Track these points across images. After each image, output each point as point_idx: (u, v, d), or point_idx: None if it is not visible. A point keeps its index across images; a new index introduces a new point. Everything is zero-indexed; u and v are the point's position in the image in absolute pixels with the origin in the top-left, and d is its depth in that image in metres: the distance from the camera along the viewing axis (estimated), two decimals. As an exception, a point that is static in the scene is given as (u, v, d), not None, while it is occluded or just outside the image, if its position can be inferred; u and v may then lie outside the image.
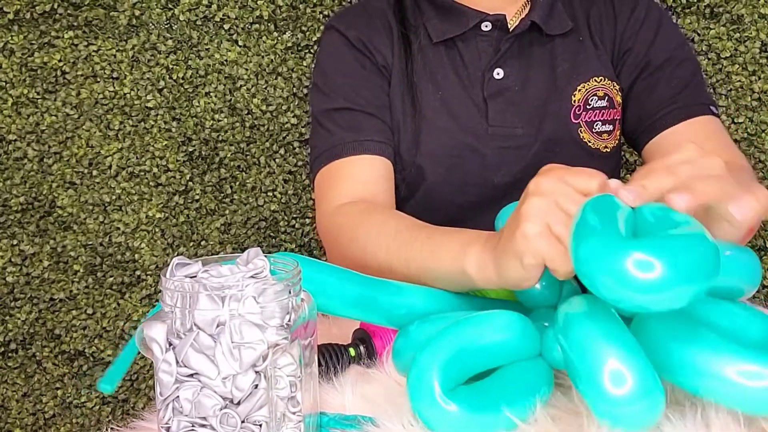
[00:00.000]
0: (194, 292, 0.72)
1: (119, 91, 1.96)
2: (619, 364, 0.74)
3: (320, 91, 1.42)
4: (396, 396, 0.92)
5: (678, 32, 1.46)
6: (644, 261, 0.68)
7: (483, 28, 1.39)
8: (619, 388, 0.74)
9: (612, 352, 0.75)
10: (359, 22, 1.44)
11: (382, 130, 1.37)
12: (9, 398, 2.06)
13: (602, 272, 0.70)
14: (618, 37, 1.42)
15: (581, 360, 0.77)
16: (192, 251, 2.05)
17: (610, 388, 0.74)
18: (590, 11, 1.44)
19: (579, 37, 1.42)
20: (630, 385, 0.73)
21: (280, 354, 0.74)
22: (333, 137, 1.37)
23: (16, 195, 1.96)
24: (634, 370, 0.74)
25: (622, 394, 0.73)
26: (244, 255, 0.80)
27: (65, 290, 2.02)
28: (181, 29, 1.95)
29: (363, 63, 1.41)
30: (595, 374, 0.75)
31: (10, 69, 1.92)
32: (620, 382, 0.74)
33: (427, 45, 1.41)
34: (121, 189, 1.99)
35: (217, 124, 1.99)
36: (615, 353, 0.75)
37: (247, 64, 1.97)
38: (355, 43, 1.42)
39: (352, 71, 1.41)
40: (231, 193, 2.03)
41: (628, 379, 0.73)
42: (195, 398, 0.72)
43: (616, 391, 0.74)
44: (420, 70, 1.40)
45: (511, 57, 1.39)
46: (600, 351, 0.76)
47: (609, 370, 0.74)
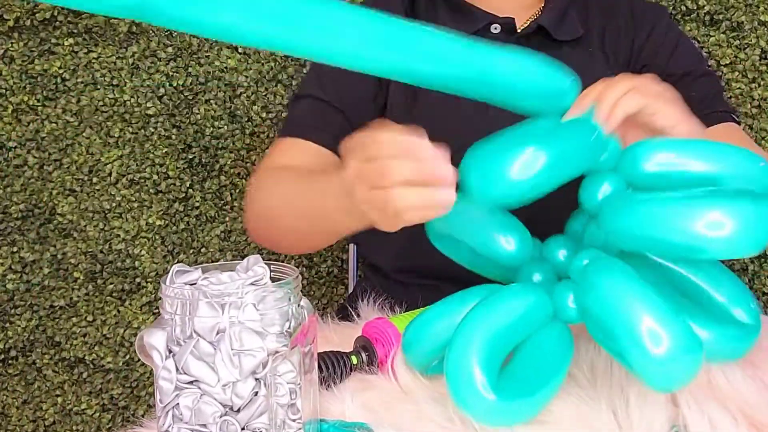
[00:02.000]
0: (194, 300, 0.72)
1: (119, 98, 1.96)
2: (654, 323, 0.76)
3: (307, 77, 1.48)
4: (396, 403, 0.92)
5: (696, 50, 1.48)
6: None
7: (492, 30, 1.40)
8: (657, 347, 0.75)
9: (647, 311, 0.77)
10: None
11: (345, 129, 1.34)
12: (9, 405, 2.06)
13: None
14: (635, 53, 1.43)
15: (617, 321, 0.78)
16: (192, 258, 2.04)
17: (650, 347, 0.76)
18: (607, 25, 1.44)
19: (588, 48, 1.42)
20: (667, 344, 0.75)
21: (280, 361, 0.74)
22: (297, 118, 1.42)
23: (16, 202, 1.96)
24: (670, 329, 0.76)
25: (661, 353, 0.75)
26: (244, 262, 0.80)
27: (65, 297, 2.02)
28: (181, 36, 1.95)
29: None
30: (634, 335, 0.77)
31: (10, 76, 1.92)
32: (658, 342, 0.75)
33: None
34: (121, 196, 1.99)
35: (217, 132, 1.99)
36: (649, 312, 0.77)
37: (247, 71, 1.98)
38: None
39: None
40: (231, 200, 2.03)
41: (665, 338, 0.75)
42: (195, 405, 0.72)
43: (655, 350, 0.75)
44: None
45: None
46: (636, 311, 0.77)
47: (647, 329, 0.76)
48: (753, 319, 0.89)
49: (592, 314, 0.83)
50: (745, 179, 0.86)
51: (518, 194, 0.87)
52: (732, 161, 0.88)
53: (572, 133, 0.90)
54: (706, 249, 0.78)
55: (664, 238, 0.80)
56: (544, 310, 0.89)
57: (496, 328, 0.84)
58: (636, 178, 0.90)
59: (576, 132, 0.90)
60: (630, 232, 0.84)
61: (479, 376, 0.80)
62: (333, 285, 2.12)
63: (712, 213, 0.76)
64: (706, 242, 0.77)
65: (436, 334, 0.92)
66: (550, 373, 0.84)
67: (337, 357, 0.99)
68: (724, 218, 0.76)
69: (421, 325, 0.96)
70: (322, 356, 0.97)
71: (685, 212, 0.78)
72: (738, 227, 0.76)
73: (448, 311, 0.93)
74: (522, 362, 0.86)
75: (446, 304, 0.95)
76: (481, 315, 0.85)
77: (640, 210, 0.83)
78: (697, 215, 0.77)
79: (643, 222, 0.82)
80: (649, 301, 0.78)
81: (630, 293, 0.79)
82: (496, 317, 0.85)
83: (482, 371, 0.80)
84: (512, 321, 0.86)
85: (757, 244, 0.77)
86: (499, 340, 0.83)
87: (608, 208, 0.87)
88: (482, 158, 0.89)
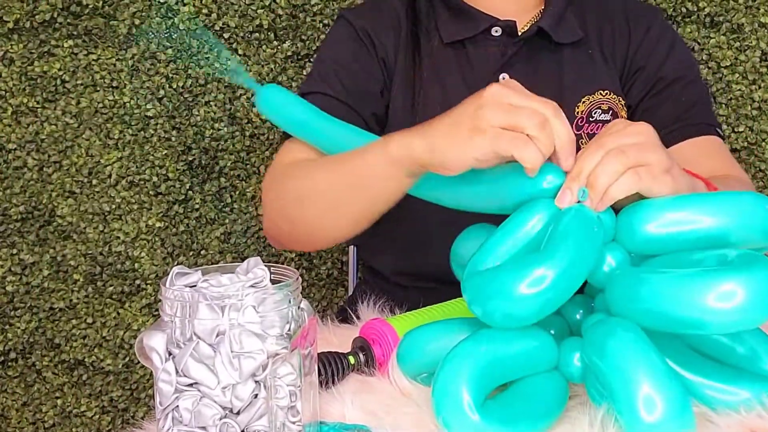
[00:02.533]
0: (194, 302, 0.72)
1: (119, 100, 1.96)
2: (651, 390, 0.77)
3: (310, 74, 1.46)
4: (396, 406, 0.92)
5: (690, 55, 1.47)
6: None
7: (493, 32, 1.40)
8: (651, 414, 0.76)
9: (647, 377, 0.77)
10: (370, 15, 1.47)
11: (348, 121, 1.36)
12: (9, 407, 2.06)
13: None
14: (630, 55, 1.43)
15: (619, 383, 0.79)
16: (192, 260, 2.04)
17: (644, 414, 0.76)
18: (604, 26, 1.44)
19: (588, 50, 1.42)
20: (660, 411, 0.76)
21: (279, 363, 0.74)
22: None
23: (15, 204, 1.96)
24: (665, 395, 0.76)
25: (653, 420, 0.76)
26: (244, 264, 0.80)
27: (65, 299, 2.02)
28: (180, 38, 1.95)
29: (359, 54, 1.43)
30: (630, 399, 0.77)
31: (9, 78, 1.92)
32: (652, 408, 0.76)
33: (438, 46, 1.42)
34: (120, 198, 1.99)
35: (217, 133, 1.99)
36: (649, 378, 0.77)
37: (247, 73, 1.97)
38: (360, 32, 1.44)
39: (344, 59, 1.43)
40: (231, 202, 2.03)
41: (659, 405, 0.76)
42: (195, 408, 0.72)
43: (648, 417, 0.76)
44: (427, 71, 1.41)
45: (517, 62, 1.40)
46: (637, 376, 0.78)
47: (643, 396, 0.77)
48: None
49: (594, 371, 0.83)
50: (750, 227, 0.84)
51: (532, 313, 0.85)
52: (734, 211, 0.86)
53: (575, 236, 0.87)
54: (716, 322, 0.77)
55: (671, 315, 0.79)
56: (547, 358, 0.89)
57: (492, 357, 0.84)
58: (636, 245, 0.89)
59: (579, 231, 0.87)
60: (635, 312, 0.83)
61: (466, 395, 0.80)
62: (333, 287, 2.12)
63: (723, 285, 0.75)
64: (715, 315, 0.76)
65: (433, 349, 0.92)
66: (538, 414, 0.84)
67: (334, 357, 0.98)
68: (736, 289, 0.75)
69: (418, 338, 0.96)
70: (320, 357, 0.97)
71: (692, 286, 0.77)
72: (749, 298, 0.75)
73: (450, 330, 0.94)
74: (513, 395, 0.86)
75: (451, 324, 0.95)
76: (481, 341, 0.85)
77: (644, 290, 0.82)
78: (706, 289, 0.76)
79: (647, 300, 0.81)
80: (651, 365, 0.78)
81: (635, 357, 0.79)
82: (494, 347, 0.85)
83: (469, 392, 0.80)
84: (510, 355, 0.85)
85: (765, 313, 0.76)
86: (492, 368, 0.83)
87: (612, 286, 0.87)
88: (486, 285, 0.86)
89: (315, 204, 1.20)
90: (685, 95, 1.39)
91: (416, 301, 1.17)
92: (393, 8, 1.47)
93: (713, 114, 1.42)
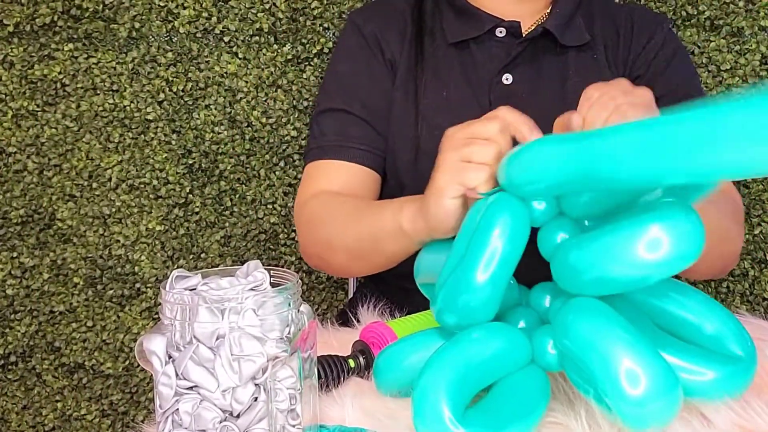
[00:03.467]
0: (194, 305, 0.72)
1: (119, 103, 1.96)
2: (633, 364, 0.75)
3: (324, 88, 1.49)
4: (396, 408, 0.92)
5: (690, 68, 1.47)
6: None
7: (497, 33, 1.40)
8: (635, 388, 0.75)
9: (625, 351, 0.76)
10: (377, 17, 1.49)
11: (369, 138, 1.42)
12: (9, 411, 2.06)
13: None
14: (631, 62, 1.43)
15: (594, 362, 0.78)
16: (192, 264, 2.04)
17: (628, 389, 0.75)
18: (610, 32, 1.44)
19: (594, 54, 1.42)
20: (645, 386, 0.75)
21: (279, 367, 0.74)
22: (324, 137, 1.44)
23: (15, 207, 1.96)
24: (648, 370, 0.75)
25: (638, 394, 0.75)
26: (244, 267, 0.80)
27: (65, 303, 2.02)
28: (181, 42, 1.95)
29: (371, 63, 1.45)
30: (611, 375, 0.76)
31: (9, 81, 1.92)
32: (636, 383, 0.75)
33: (442, 46, 1.42)
34: (121, 201, 1.99)
35: (217, 137, 1.99)
36: (628, 352, 0.76)
37: (247, 76, 1.98)
38: (369, 39, 1.46)
39: (359, 72, 1.45)
40: (231, 205, 2.03)
41: (643, 379, 0.75)
42: (195, 411, 0.72)
43: (633, 391, 0.75)
44: (430, 70, 1.41)
45: (521, 63, 1.40)
46: (613, 351, 0.77)
47: (624, 370, 0.75)
48: (748, 355, 0.86)
49: (569, 355, 0.83)
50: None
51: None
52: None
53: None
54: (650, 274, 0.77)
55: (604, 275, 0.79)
56: (521, 354, 0.88)
57: (466, 364, 0.83)
58: (576, 211, 0.89)
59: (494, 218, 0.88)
60: (577, 282, 0.84)
61: (446, 409, 0.80)
62: (333, 290, 2.12)
63: (651, 231, 0.75)
64: (648, 267, 0.76)
65: (408, 365, 0.92)
66: (522, 414, 0.84)
67: (334, 360, 0.99)
68: (662, 236, 0.75)
69: (392, 354, 0.95)
70: (320, 360, 0.97)
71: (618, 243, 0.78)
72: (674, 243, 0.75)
73: (422, 343, 0.93)
74: (495, 399, 0.85)
75: (422, 336, 0.95)
76: (453, 350, 0.84)
77: (574, 255, 0.83)
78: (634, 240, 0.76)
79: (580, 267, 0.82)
80: (627, 339, 0.77)
81: (607, 332, 0.78)
82: (468, 353, 0.84)
83: (448, 405, 0.80)
84: (484, 359, 0.85)
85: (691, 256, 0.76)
86: (468, 376, 0.82)
87: (553, 263, 0.87)
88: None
89: (342, 252, 1.30)
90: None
91: (416, 304, 1.17)
92: (400, 9, 1.49)
93: None
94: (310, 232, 1.37)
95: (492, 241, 0.84)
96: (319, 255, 1.37)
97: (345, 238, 1.28)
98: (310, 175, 1.44)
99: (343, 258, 1.31)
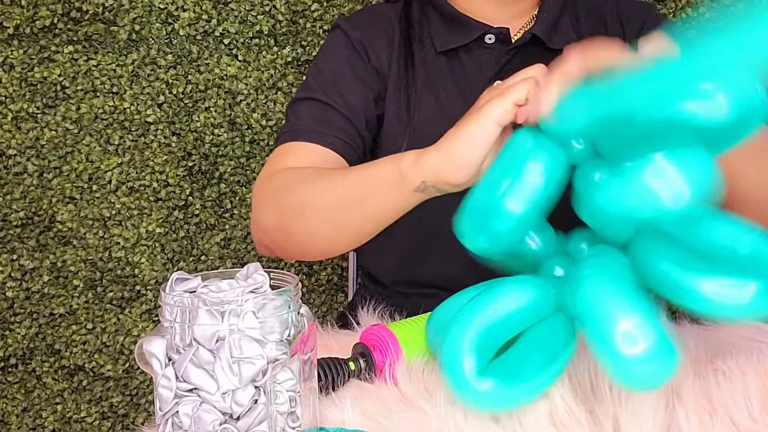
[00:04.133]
0: (194, 307, 0.72)
1: (119, 105, 1.96)
2: (630, 325, 0.76)
3: (306, 82, 1.44)
4: (396, 411, 0.91)
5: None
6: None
7: (486, 40, 1.40)
8: (631, 347, 0.75)
9: (623, 312, 0.77)
10: (365, 24, 1.47)
11: (350, 133, 1.37)
12: (9, 413, 2.06)
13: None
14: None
15: (591, 321, 0.79)
16: (192, 266, 2.04)
17: (623, 348, 0.75)
18: (598, 30, 1.44)
19: None
20: (642, 346, 0.75)
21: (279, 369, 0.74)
22: (301, 122, 1.38)
23: (15, 210, 1.96)
24: (646, 331, 0.76)
25: (635, 353, 0.75)
26: (244, 270, 0.80)
27: (65, 305, 2.02)
28: (180, 44, 1.96)
29: (356, 65, 1.42)
30: (607, 334, 0.77)
31: (9, 84, 1.92)
32: (632, 343, 0.75)
33: (432, 55, 1.42)
34: (121, 204, 1.99)
35: (217, 139, 1.99)
36: (626, 314, 0.77)
37: (247, 78, 1.98)
38: (356, 43, 1.44)
39: (342, 71, 1.42)
40: (231, 207, 2.03)
41: (640, 340, 0.75)
42: (195, 413, 0.72)
43: (628, 350, 0.75)
44: (421, 80, 1.41)
45: (511, 70, 1.39)
46: (611, 312, 0.77)
47: (621, 331, 0.76)
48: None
49: (574, 310, 0.83)
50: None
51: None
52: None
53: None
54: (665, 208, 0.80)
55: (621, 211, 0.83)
56: (546, 303, 0.89)
57: (491, 318, 0.84)
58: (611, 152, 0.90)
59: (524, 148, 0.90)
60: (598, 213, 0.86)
61: (467, 364, 0.81)
62: (333, 293, 2.12)
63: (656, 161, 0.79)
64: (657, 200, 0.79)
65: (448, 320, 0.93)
66: (547, 362, 0.85)
67: (335, 363, 0.98)
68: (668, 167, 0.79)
69: (439, 312, 0.97)
70: (320, 362, 0.97)
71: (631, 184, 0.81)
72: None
73: (455, 303, 0.95)
74: (519, 349, 0.87)
75: (466, 293, 0.96)
76: (479, 304, 0.86)
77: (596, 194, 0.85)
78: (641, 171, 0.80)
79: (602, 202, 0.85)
80: (626, 301, 0.78)
81: (608, 293, 0.79)
82: (493, 307, 0.85)
83: (471, 359, 0.81)
84: (509, 313, 0.86)
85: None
86: (493, 330, 0.84)
87: (584, 200, 0.89)
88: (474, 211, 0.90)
89: (314, 215, 1.19)
90: None
91: (417, 306, 1.17)
92: (387, 17, 1.48)
93: None
94: (276, 200, 1.25)
95: (527, 171, 0.86)
96: (281, 226, 1.24)
97: (323, 196, 1.18)
98: (279, 154, 1.36)
99: (314, 222, 1.19)
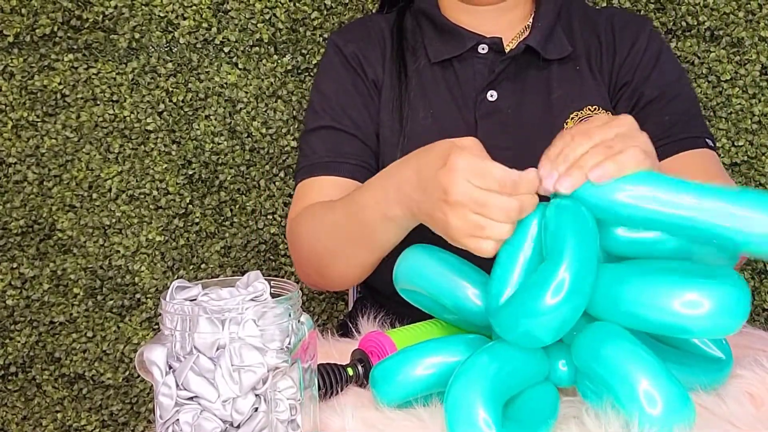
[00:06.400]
0: (194, 315, 0.72)
1: (119, 114, 1.96)
2: (650, 386, 0.81)
3: (312, 108, 1.48)
4: (396, 419, 0.91)
5: (676, 66, 1.46)
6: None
7: (480, 50, 1.40)
8: (653, 408, 0.80)
9: (643, 374, 0.82)
10: (357, 37, 1.49)
11: (360, 153, 1.42)
12: (9, 421, 2.05)
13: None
14: (616, 70, 1.42)
15: (619, 382, 0.83)
16: (192, 274, 2.04)
17: (647, 408, 0.81)
18: (591, 40, 1.44)
19: (576, 66, 1.42)
20: (661, 405, 0.80)
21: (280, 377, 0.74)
22: (314, 155, 1.43)
23: (16, 218, 1.96)
24: (664, 391, 0.81)
25: (657, 413, 0.80)
26: (244, 278, 0.80)
27: (65, 313, 2.02)
28: (180, 52, 1.96)
29: (355, 82, 1.45)
30: (632, 396, 0.82)
31: (9, 92, 1.92)
32: (653, 403, 0.80)
33: (425, 65, 1.42)
34: (121, 212, 1.99)
35: (217, 147, 1.99)
36: (646, 375, 0.82)
37: (247, 87, 1.98)
38: (351, 59, 1.46)
39: (344, 91, 1.45)
40: (231, 216, 2.03)
41: (659, 399, 0.80)
42: (195, 421, 0.72)
43: (651, 410, 0.80)
44: (415, 90, 1.41)
45: (505, 79, 1.39)
46: (634, 374, 0.82)
47: (643, 391, 0.81)
48: (726, 354, 0.96)
49: (591, 375, 0.87)
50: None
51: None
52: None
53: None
54: (687, 327, 0.83)
55: (643, 317, 0.85)
56: (543, 368, 0.92)
57: (500, 372, 0.85)
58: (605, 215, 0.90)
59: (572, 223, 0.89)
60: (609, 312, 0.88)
61: (481, 412, 0.81)
62: (333, 301, 2.12)
63: (689, 294, 0.81)
64: (686, 321, 0.82)
65: (404, 378, 0.93)
66: (539, 424, 0.86)
67: (333, 369, 0.98)
68: (702, 299, 0.81)
69: (388, 368, 0.96)
70: (319, 368, 0.97)
71: (663, 291, 0.83)
72: (716, 308, 0.81)
73: (418, 355, 0.94)
74: (518, 409, 0.88)
75: (418, 348, 0.95)
76: (488, 356, 0.86)
77: (616, 290, 0.86)
78: (675, 295, 0.82)
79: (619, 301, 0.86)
80: (645, 362, 0.83)
81: (629, 355, 0.83)
82: (502, 362, 0.86)
83: (485, 408, 0.82)
84: (516, 369, 0.88)
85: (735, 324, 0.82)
86: (501, 384, 0.85)
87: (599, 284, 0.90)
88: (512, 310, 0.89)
89: (326, 252, 1.28)
90: (668, 112, 1.38)
91: (416, 315, 1.16)
92: (379, 28, 1.49)
93: (701, 124, 1.40)
94: (299, 245, 1.36)
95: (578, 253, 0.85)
96: (318, 269, 1.33)
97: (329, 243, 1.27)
98: (301, 194, 1.42)
99: (340, 266, 1.29)
